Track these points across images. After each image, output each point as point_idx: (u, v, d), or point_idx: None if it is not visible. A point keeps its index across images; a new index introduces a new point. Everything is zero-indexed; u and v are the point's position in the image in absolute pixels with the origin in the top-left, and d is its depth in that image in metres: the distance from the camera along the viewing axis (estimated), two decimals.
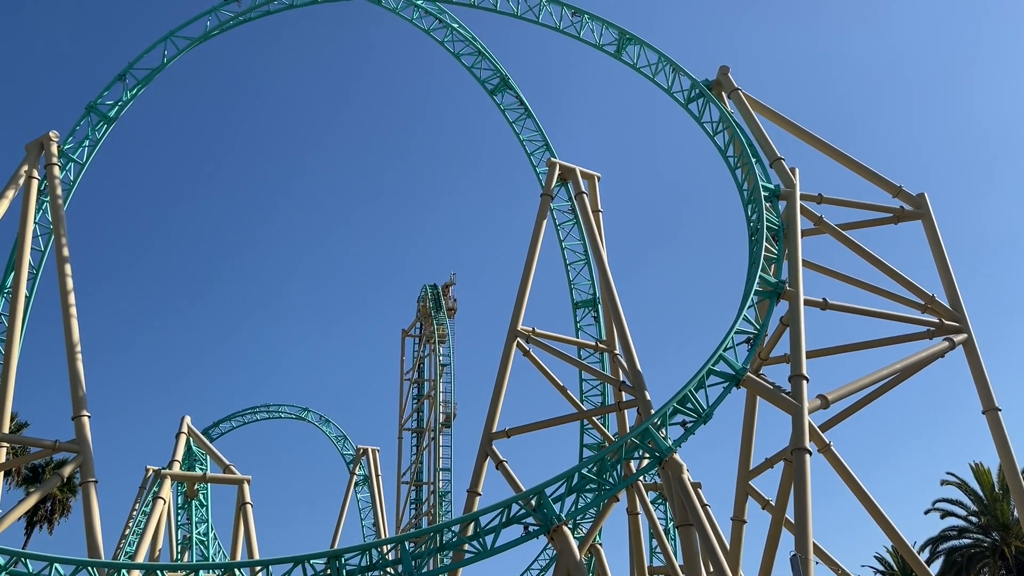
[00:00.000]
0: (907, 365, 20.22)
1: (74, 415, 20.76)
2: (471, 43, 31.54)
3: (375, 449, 40.50)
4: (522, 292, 23.39)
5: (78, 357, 21.52)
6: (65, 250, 23.34)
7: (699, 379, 17.43)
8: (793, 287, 19.69)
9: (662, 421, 17.20)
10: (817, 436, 18.42)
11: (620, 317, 22.17)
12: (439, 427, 43.70)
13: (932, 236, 22.90)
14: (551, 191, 24.90)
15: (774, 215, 21.03)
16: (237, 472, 26.32)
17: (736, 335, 18.22)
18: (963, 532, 34.43)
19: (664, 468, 17.34)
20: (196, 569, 16.80)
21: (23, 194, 23.89)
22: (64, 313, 22.28)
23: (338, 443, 45.14)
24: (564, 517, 16.37)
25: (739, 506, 20.93)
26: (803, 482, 16.84)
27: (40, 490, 23.77)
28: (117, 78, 27.72)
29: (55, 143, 24.69)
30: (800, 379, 18.18)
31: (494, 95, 31.84)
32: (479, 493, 21.19)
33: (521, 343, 22.95)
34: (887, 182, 23.67)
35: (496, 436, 21.81)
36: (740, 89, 24.49)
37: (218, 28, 28.77)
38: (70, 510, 42.55)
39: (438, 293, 48.32)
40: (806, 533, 16.26)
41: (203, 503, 29.45)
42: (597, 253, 23.98)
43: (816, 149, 24.37)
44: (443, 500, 42.04)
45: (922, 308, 21.85)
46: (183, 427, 28.23)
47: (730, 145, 23.25)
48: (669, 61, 25.43)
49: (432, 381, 45.81)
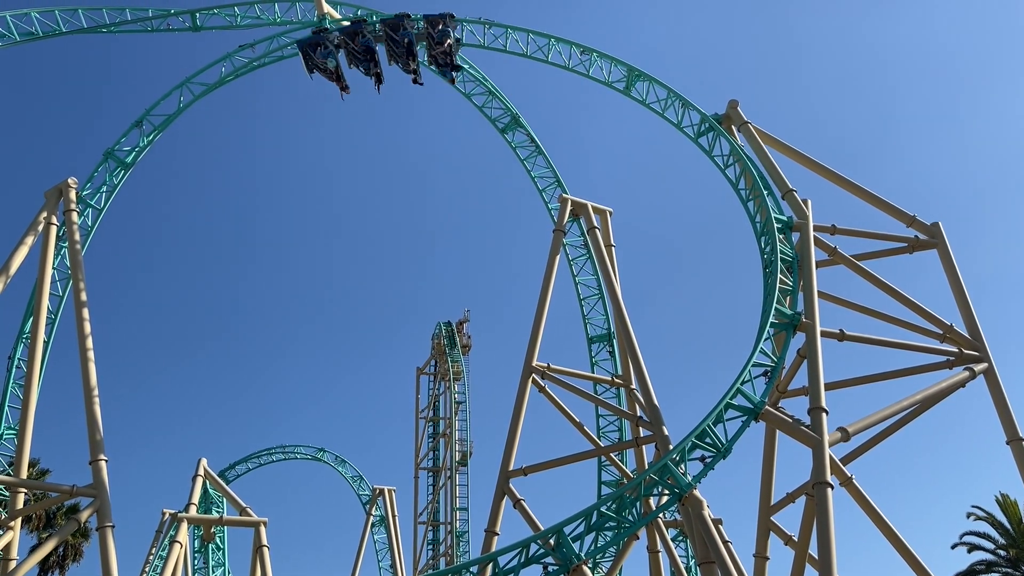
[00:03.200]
0: (927, 396, 19.98)
1: (91, 459, 20.75)
2: (481, 83, 31.93)
3: (391, 489, 40.21)
4: (536, 328, 23.36)
5: (95, 401, 21.58)
6: (83, 295, 23.54)
7: (717, 413, 17.28)
8: (809, 319, 19.59)
9: (681, 456, 17.03)
10: (839, 470, 18.17)
11: (636, 351, 22.08)
12: (455, 466, 43.43)
13: (948, 265, 22.77)
14: (563, 227, 25.00)
15: (788, 247, 21.01)
16: (254, 514, 26.17)
17: (753, 368, 18.09)
18: (992, 566, 33.64)
19: (684, 504, 17.13)
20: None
21: (42, 240, 24.19)
22: (82, 357, 22.40)
23: (354, 483, 44.90)
24: (584, 556, 16.16)
25: (761, 542, 20.60)
26: (826, 517, 16.56)
27: (57, 535, 23.67)
28: (134, 124, 28.21)
29: (74, 189, 25.03)
30: (819, 412, 17.99)
31: (505, 133, 32.15)
32: (497, 532, 20.94)
33: (536, 379, 22.86)
34: (900, 212, 23.62)
35: (513, 474, 21.62)
36: (750, 122, 24.62)
37: (232, 74, 29.29)
38: (83, 555, 42.34)
39: (452, 330, 48.33)
40: (830, 569, 15.96)
41: (220, 546, 29.31)
42: (611, 287, 23.98)
43: (828, 180, 24.40)
44: (461, 540, 41.64)
45: (941, 338, 21.65)
46: (199, 469, 28.18)
47: (741, 178, 23.32)
48: (678, 96, 25.64)
49: (448, 419, 45.63)
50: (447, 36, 27.05)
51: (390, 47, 27.07)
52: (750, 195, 22.75)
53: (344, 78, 27.30)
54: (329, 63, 26.70)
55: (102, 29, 26.84)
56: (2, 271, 22.85)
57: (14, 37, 24.63)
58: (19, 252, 23.55)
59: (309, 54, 26.83)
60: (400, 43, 26.69)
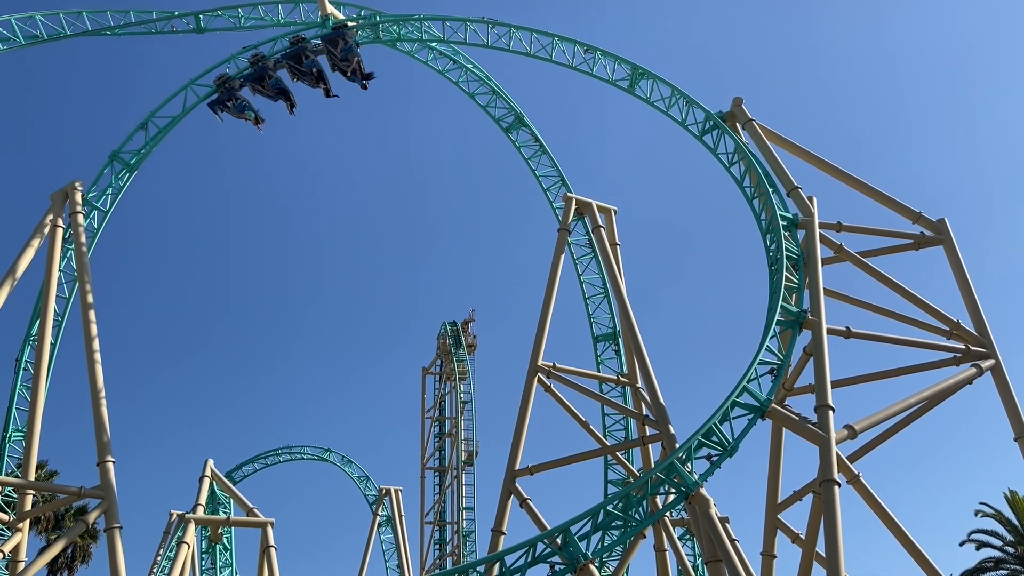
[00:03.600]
0: (935, 393, 19.93)
1: (99, 461, 20.84)
2: (485, 82, 31.94)
3: (398, 489, 40.26)
4: (541, 327, 23.35)
5: (102, 403, 21.67)
6: (89, 297, 23.62)
7: (723, 411, 17.24)
8: (815, 316, 19.54)
9: (687, 455, 17.01)
10: (846, 467, 18.14)
11: (641, 350, 22.06)
12: (461, 465, 43.48)
13: (954, 261, 22.69)
14: (568, 226, 24.98)
15: (793, 244, 20.96)
16: (260, 515, 26.25)
17: (759, 366, 18.05)
18: (1000, 563, 33.53)
19: (691, 503, 17.11)
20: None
21: (48, 243, 24.27)
22: (88, 359, 22.49)
23: (360, 483, 44.95)
24: (590, 555, 16.14)
25: (768, 540, 20.57)
26: (833, 515, 16.53)
27: (65, 537, 23.77)
28: (139, 127, 28.24)
29: (79, 192, 25.11)
30: (826, 409, 17.95)
31: (509, 133, 32.14)
32: (503, 532, 20.97)
33: (542, 378, 22.85)
34: (906, 208, 23.54)
35: (519, 474, 21.63)
36: (754, 120, 24.57)
37: (238, 75, 29.30)
38: (91, 557, 42.46)
39: (457, 330, 48.37)
40: (838, 567, 15.93)
41: (227, 547, 29.39)
42: (616, 286, 23.96)
43: (833, 177, 24.32)
44: (467, 540, 41.69)
45: (947, 334, 21.59)
46: (206, 471, 28.27)
47: (746, 175, 23.27)
48: (682, 94, 25.59)
49: (453, 419, 45.69)
50: (351, 52, 27.43)
51: (294, 70, 27.53)
52: (755, 192, 22.70)
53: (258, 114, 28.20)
54: (247, 115, 27.87)
55: (106, 32, 26.89)
56: (9, 274, 22.94)
57: (19, 40, 24.69)
58: (25, 254, 23.64)
59: (223, 107, 27.67)
60: (308, 72, 27.40)
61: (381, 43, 29.56)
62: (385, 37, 29.04)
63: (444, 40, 29.18)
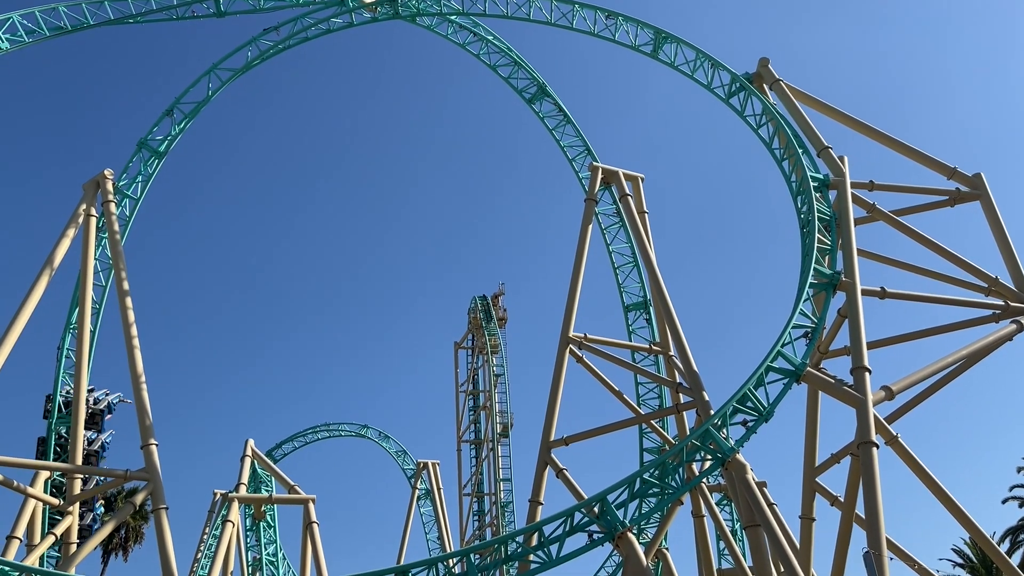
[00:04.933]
0: (974, 351, 19.59)
1: (142, 444, 21.28)
2: (506, 54, 31.70)
3: (435, 462, 40.68)
4: (572, 298, 23.30)
5: (143, 387, 22.06)
6: (125, 284, 23.98)
7: (758, 377, 17.16)
8: (849, 277, 19.29)
9: (722, 421, 16.97)
10: (883, 429, 17.97)
11: (673, 318, 21.94)
12: (497, 438, 43.77)
13: (992, 216, 22.19)
14: (595, 195, 24.78)
15: (825, 205, 20.65)
16: (302, 492, 26.69)
17: (794, 330, 17.90)
18: None
19: (727, 469, 17.09)
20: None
21: (83, 232, 24.64)
22: (127, 345, 22.87)
23: (398, 458, 45.50)
24: (628, 523, 16.22)
25: (807, 504, 20.50)
26: (872, 476, 16.43)
27: (114, 519, 24.43)
28: (165, 113, 28.51)
29: (110, 180, 25.40)
30: (862, 371, 17.78)
31: (532, 103, 31.93)
32: (541, 502, 21.10)
33: (574, 350, 22.84)
34: (941, 164, 23.05)
35: (555, 444, 21.72)
36: (781, 80, 24.14)
37: (259, 58, 29.41)
38: (143, 537, 43.69)
39: (488, 304, 48.48)
40: (878, 528, 15.85)
41: (271, 524, 29.94)
42: (645, 255, 23.78)
43: (864, 135, 23.87)
44: (505, 510, 42.06)
45: (986, 291, 21.19)
46: (247, 450, 28.74)
47: (775, 137, 22.91)
48: (707, 57, 25.19)
49: (487, 392, 45.93)
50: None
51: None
52: (784, 154, 22.36)
53: None
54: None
55: (129, 20, 27.00)
56: (46, 264, 23.34)
57: (44, 32, 24.89)
58: (61, 244, 24.00)
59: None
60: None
61: (400, 19, 29.41)
62: (404, 12, 28.89)
63: (463, 12, 28.97)
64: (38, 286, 22.72)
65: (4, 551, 20.93)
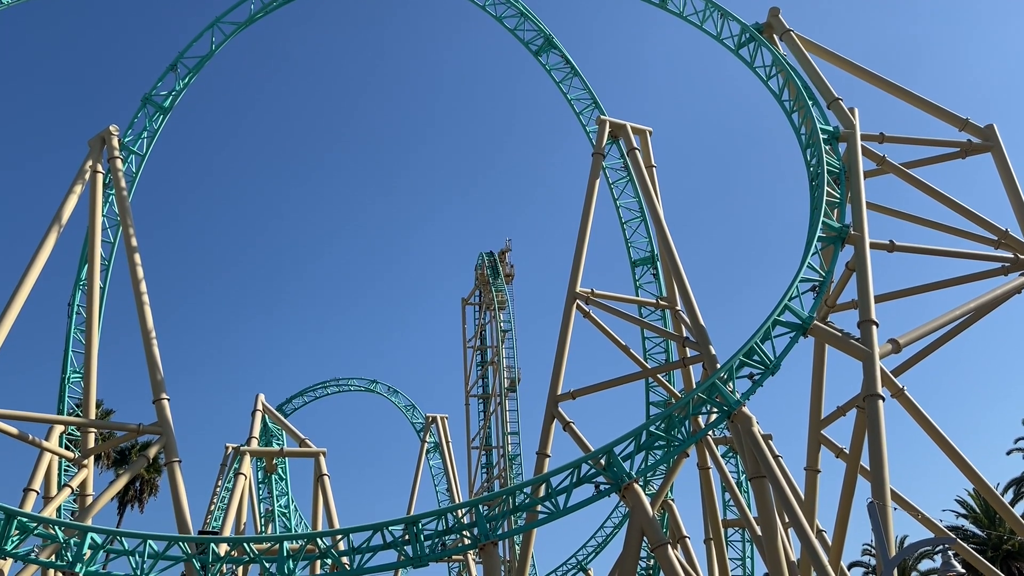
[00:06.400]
0: (982, 304, 19.59)
1: (155, 398, 21.53)
2: (512, 4, 31.18)
3: (444, 416, 41.08)
4: (579, 254, 23.27)
5: (154, 342, 22.23)
6: (133, 240, 24.03)
7: (765, 330, 17.19)
8: (858, 230, 19.20)
9: (729, 375, 17.05)
10: (890, 381, 18.05)
11: (680, 272, 21.91)
12: (504, 392, 44.15)
13: (1003, 168, 21.99)
14: (602, 149, 24.59)
15: (834, 158, 20.46)
16: (312, 445, 27.02)
17: (801, 283, 17.89)
18: None
19: (733, 421, 17.23)
20: (281, 540, 17.31)
21: (89, 188, 24.59)
22: (137, 301, 23.00)
23: (407, 412, 45.96)
24: (634, 475, 16.42)
25: (812, 456, 20.70)
26: (877, 429, 16.55)
27: (128, 472, 24.81)
28: (169, 68, 28.24)
29: (116, 137, 25.29)
30: (869, 324, 17.81)
31: (539, 56, 31.48)
32: (548, 455, 21.36)
33: (581, 305, 22.89)
34: (952, 115, 22.76)
35: (561, 398, 21.91)
36: (792, 30, 23.74)
37: (262, 11, 29.04)
38: (158, 489, 44.44)
39: (495, 260, 48.52)
40: (883, 480, 16.02)
41: (282, 477, 30.37)
42: (653, 209, 23.66)
43: (875, 86, 23.55)
44: (513, 463, 42.60)
45: (995, 244, 21.09)
46: (258, 405, 29.07)
47: (785, 88, 22.62)
48: (716, 6, 24.76)
49: (495, 347, 46.21)
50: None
51: None
52: (794, 106, 22.10)
53: None
54: None
55: None
56: (54, 221, 23.36)
57: None
58: (69, 201, 23.98)
59: None
60: None
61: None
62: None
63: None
64: (47, 242, 22.79)
65: (22, 503, 21.36)
